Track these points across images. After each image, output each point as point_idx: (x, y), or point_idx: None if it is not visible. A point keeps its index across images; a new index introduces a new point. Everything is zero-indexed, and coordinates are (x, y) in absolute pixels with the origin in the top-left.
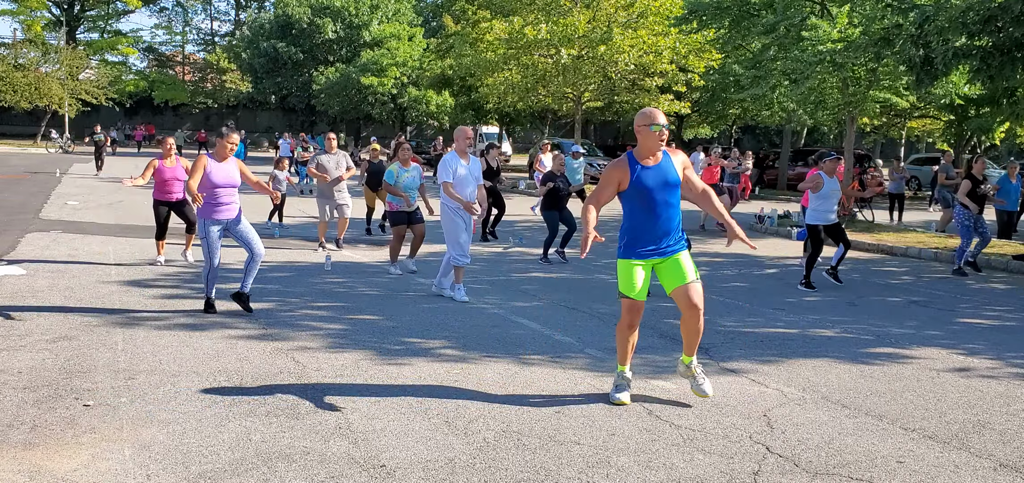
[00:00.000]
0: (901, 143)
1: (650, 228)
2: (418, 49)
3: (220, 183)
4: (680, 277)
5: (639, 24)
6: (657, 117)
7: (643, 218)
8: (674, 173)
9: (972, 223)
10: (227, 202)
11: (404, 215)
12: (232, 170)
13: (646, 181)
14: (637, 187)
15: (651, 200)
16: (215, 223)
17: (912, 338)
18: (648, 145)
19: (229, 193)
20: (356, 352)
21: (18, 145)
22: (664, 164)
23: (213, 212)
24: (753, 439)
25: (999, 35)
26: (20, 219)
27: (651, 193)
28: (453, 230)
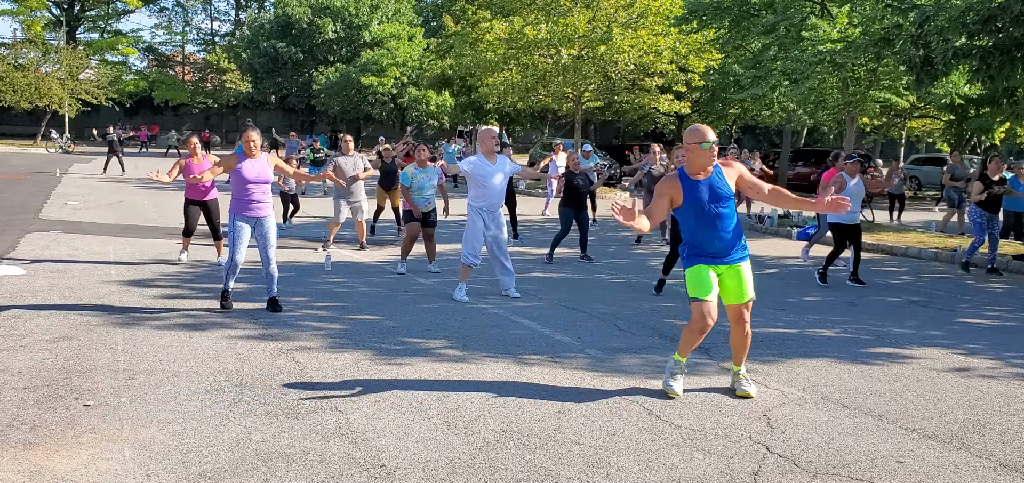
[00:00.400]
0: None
1: (709, 238)
2: (418, 49)
3: (252, 180)
4: (740, 294)
5: (639, 24)
6: (708, 135)
7: (699, 228)
8: (725, 186)
9: (985, 221)
10: (258, 199)
11: (421, 215)
12: (264, 166)
13: (698, 195)
14: (691, 199)
15: (703, 213)
16: (244, 219)
17: (912, 338)
18: (699, 162)
19: (261, 190)
20: (356, 352)
21: (18, 145)
22: (714, 177)
23: (244, 208)
24: (753, 439)
25: (999, 35)
26: (20, 219)
27: (704, 205)
28: (472, 230)
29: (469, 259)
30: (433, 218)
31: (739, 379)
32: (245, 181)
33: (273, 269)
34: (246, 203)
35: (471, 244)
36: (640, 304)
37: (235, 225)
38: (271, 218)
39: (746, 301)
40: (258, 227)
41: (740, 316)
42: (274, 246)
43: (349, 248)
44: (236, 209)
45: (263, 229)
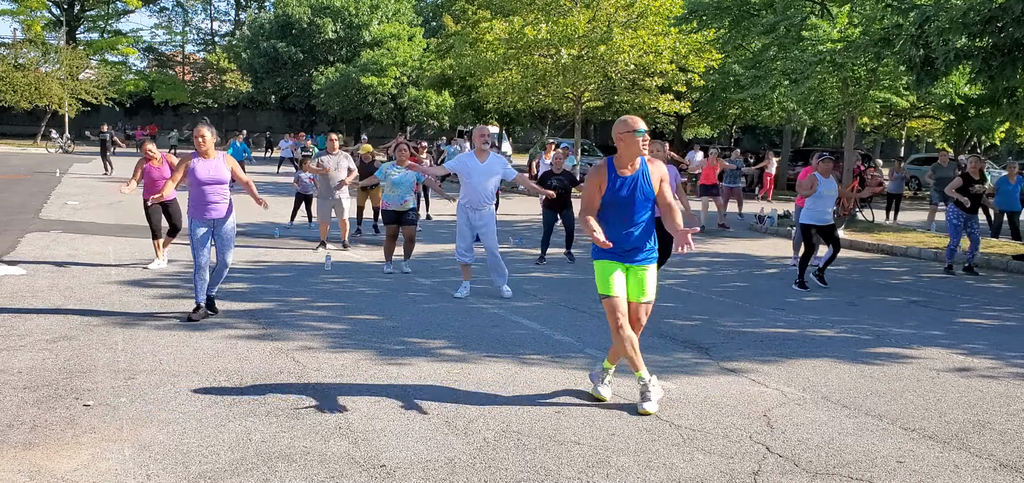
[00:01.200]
0: (901, 143)
1: (621, 235)
2: (418, 49)
3: (205, 180)
4: (638, 292)
5: (639, 24)
6: (638, 124)
7: (615, 224)
8: (648, 185)
9: (961, 222)
10: (214, 200)
11: (394, 215)
12: (219, 166)
13: (621, 191)
14: (612, 195)
15: (622, 209)
16: (201, 223)
17: (912, 338)
18: (630, 152)
19: (216, 191)
20: (356, 352)
21: (18, 145)
22: (640, 174)
23: (201, 212)
24: (753, 439)
25: (1000, 35)
26: (20, 219)
27: (623, 202)
28: (460, 227)
29: (461, 257)
30: (411, 217)
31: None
32: (199, 182)
33: (224, 270)
34: (202, 205)
35: (461, 242)
36: None
37: (193, 231)
38: (230, 219)
39: (644, 300)
40: (217, 229)
41: (636, 317)
42: (231, 249)
43: (350, 247)
44: (193, 212)
45: (221, 231)
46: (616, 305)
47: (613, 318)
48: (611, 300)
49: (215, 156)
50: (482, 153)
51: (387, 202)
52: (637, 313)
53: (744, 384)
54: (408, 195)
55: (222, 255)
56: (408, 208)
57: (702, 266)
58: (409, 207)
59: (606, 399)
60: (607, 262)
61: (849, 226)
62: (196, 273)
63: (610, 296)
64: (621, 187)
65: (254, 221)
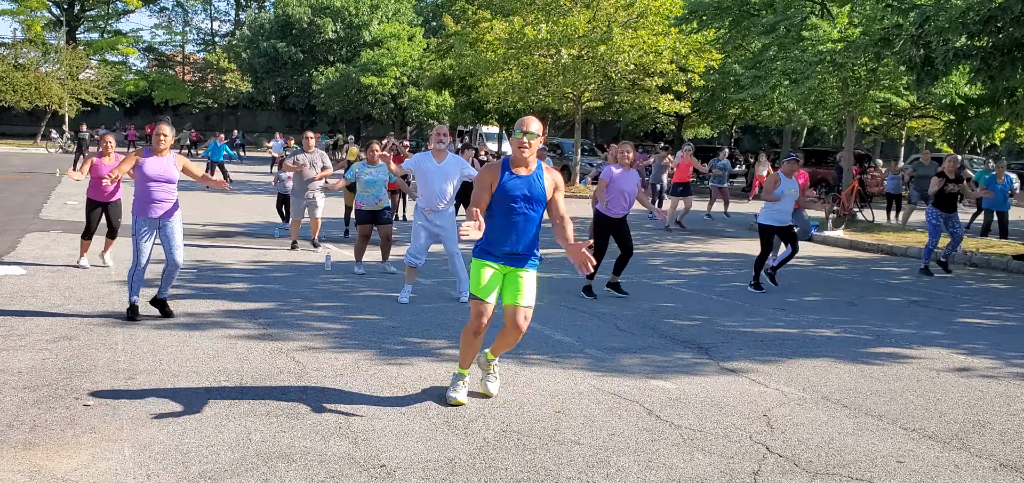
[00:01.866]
0: (901, 143)
1: (505, 236)
2: (418, 49)
3: (153, 177)
4: (516, 295)
5: (639, 24)
6: (525, 125)
7: (500, 224)
8: (541, 189)
9: (941, 222)
10: (160, 199)
11: (368, 214)
12: (168, 165)
13: (510, 189)
14: (500, 193)
15: (510, 209)
16: (145, 221)
17: (912, 338)
18: (516, 154)
19: (164, 189)
20: (356, 352)
21: (18, 145)
22: (534, 177)
23: (145, 209)
24: (753, 439)
25: (999, 35)
26: (20, 219)
27: (512, 202)
28: (414, 229)
29: (410, 259)
30: (386, 216)
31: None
32: (146, 178)
33: (176, 273)
34: (147, 203)
35: (413, 244)
36: (640, 304)
37: (137, 228)
38: (176, 219)
39: (521, 304)
40: (162, 229)
41: (515, 321)
42: (181, 247)
43: (348, 248)
44: (138, 209)
45: (167, 231)
46: (482, 309)
47: (476, 320)
48: (477, 302)
49: (167, 155)
50: (439, 153)
51: (360, 202)
52: (515, 317)
53: (744, 384)
54: (382, 194)
55: (171, 255)
56: (382, 207)
57: (702, 266)
58: (383, 206)
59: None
60: (482, 261)
61: (849, 226)
62: (134, 273)
63: (478, 297)
64: (510, 184)
65: (254, 221)
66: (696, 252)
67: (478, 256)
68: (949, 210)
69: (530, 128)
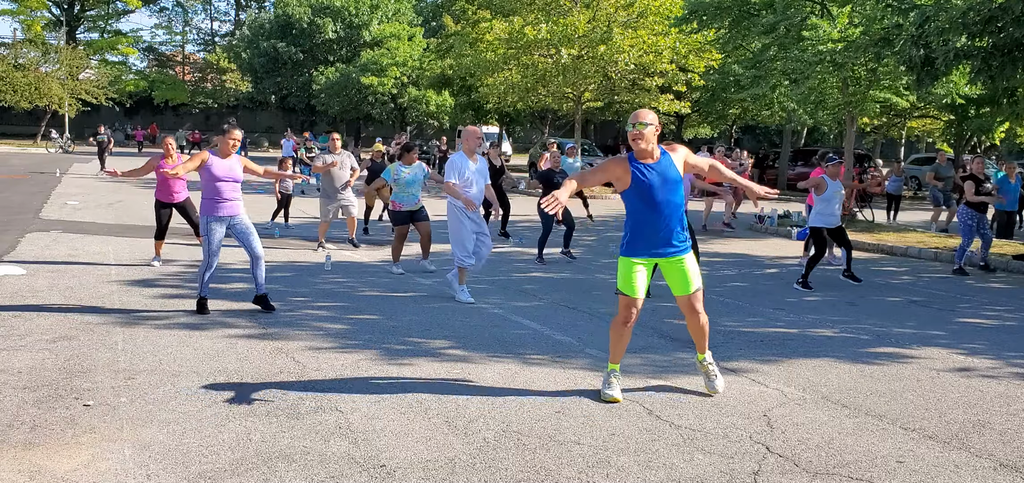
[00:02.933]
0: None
1: (651, 227)
2: (418, 49)
3: (222, 177)
4: (685, 285)
5: (639, 24)
6: (639, 116)
7: (645, 217)
8: (674, 170)
9: (975, 223)
10: (230, 198)
11: (406, 214)
12: (235, 166)
13: (648, 179)
14: (637, 186)
15: (652, 199)
16: (217, 220)
17: (912, 338)
18: (636, 146)
19: (232, 189)
20: (356, 352)
21: (18, 145)
22: (663, 162)
23: (215, 208)
24: (753, 439)
25: (1000, 35)
26: (20, 219)
27: (652, 191)
28: (458, 231)
29: (462, 260)
30: (424, 214)
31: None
32: (215, 179)
33: (261, 269)
34: (215, 202)
35: (461, 245)
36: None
37: (208, 228)
38: (244, 215)
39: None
40: (233, 226)
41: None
42: (257, 239)
43: (348, 247)
44: (207, 209)
45: (240, 227)
46: (631, 304)
47: (624, 313)
48: (626, 298)
49: (233, 155)
50: (472, 155)
51: (399, 202)
52: (690, 303)
53: (744, 384)
54: (419, 194)
55: (252, 248)
56: (420, 206)
57: (702, 266)
58: (420, 205)
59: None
60: (630, 260)
61: (849, 226)
62: (206, 271)
63: (626, 295)
64: (646, 174)
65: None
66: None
67: (626, 255)
68: (982, 210)
69: (641, 119)
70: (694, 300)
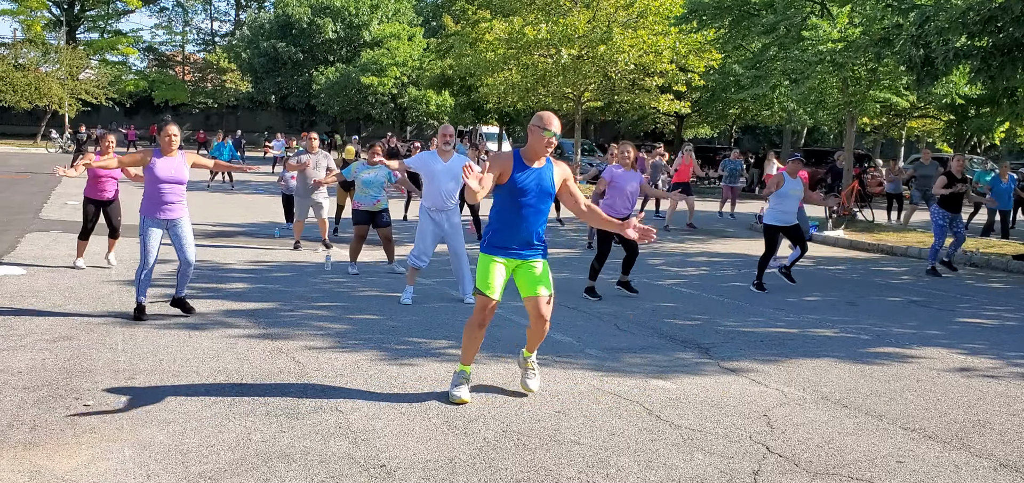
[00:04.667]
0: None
1: (515, 229)
2: (418, 49)
3: (164, 179)
4: (533, 286)
5: (639, 24)
6: (551, 124)
7: (511, 217)
8: (550, 182)
9: (946, 222)
10: (172, 201)
11: (365, 214)
12: (180, 166)
13: (522, 183)
14: (513, 186)
15: (521, 202)
16: (155, 223)
17: (912, 338)
18: (536, 148)
19: (174, 191)
20: (356, 352)
21: (18, 145)
22: (544, 171)
23: (155, 210)
24: (753, 439)
25: (999, 35)
26: (20, 219)
27: (524, 195)
28: (421, 229)
29: (413, 260)
30: (385, 218)
31: (528, 366)
32: (157, 180)
33: (190, 271)
34: (158, 204)
35: (418, 245)
36: (640, 304)
37: (145, 230)
38: (185, 219)
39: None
40: (171, 229)
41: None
42: (192, 246)
43: (343, 246)
44: (146, 209)
45: (177, 231)
46: (487, 304)
47: (480, 314)
48: (483, 298)
49: (177, 155)
50: (444, 153)
51: (358, 202)
52: (538, 307)
53: (744, 384)
54: (380, 195)
55: (183, 255)
56: (380, 208)
57: (702, 266)
58: (381, 207)
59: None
60: (491, 257)
61: (849, 226)
62: (142, 274)
63: (484, 294)
64: (522, 177)
65: (255, 221)
66: (696, 252)
67: (487, 251)
68: (954, 210)
69: (552, 127)
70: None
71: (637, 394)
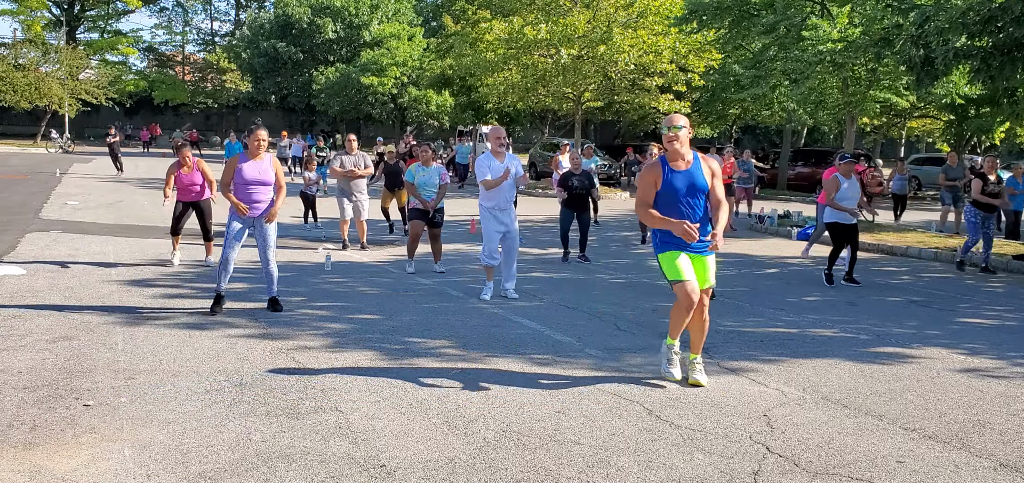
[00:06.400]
0: (901, 143)
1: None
2: (418, 49)
3: (251, 180)
4: (703, 280)
5: (639, 24)
6: (672, 121)
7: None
8: (702, 179)
9: (979, 222)
10: (257, 200)
11: (422, 213)
12: (265, 167)
13: (675, 183)
14: (666, 189)
15: (677, 202)
16: (239, 219)
17: (912, 338)
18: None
19: (260, 190)
20: (356, 352)
21: (18, 145)
22: (693, 169)
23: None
24: (753, 439)
25: (999, 35)
26: (20, 219)
27: (678, 195)
28: (488, 230)
29: (486, 260)
30: (438, 218)
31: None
32: (245, 181)
33: (273, 269)
34: (245, 203)
35: (487, 244)
36: (640, 304)
37: (229, 223)
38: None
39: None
40: (256, 228)
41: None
42: (273, 246)
43: (350, 247)
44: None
45: (262, 230)
46: (689, 287)
47: (686, 298)
48: (681, 283)
49: (263, 157)
50: (499, 154)
51: (413, 202)
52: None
53: (744, 384)
54: (433, 195)
55: (265, 255)
56: (437, 208)
57: None
58: (438, 206)
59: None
60: (670, 251)
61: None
62: (222, 267)
63: (680, 279)
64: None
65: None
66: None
67: (665, 249)
68: (988, 211)
69: (676, 123)
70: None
71: (637, 394)
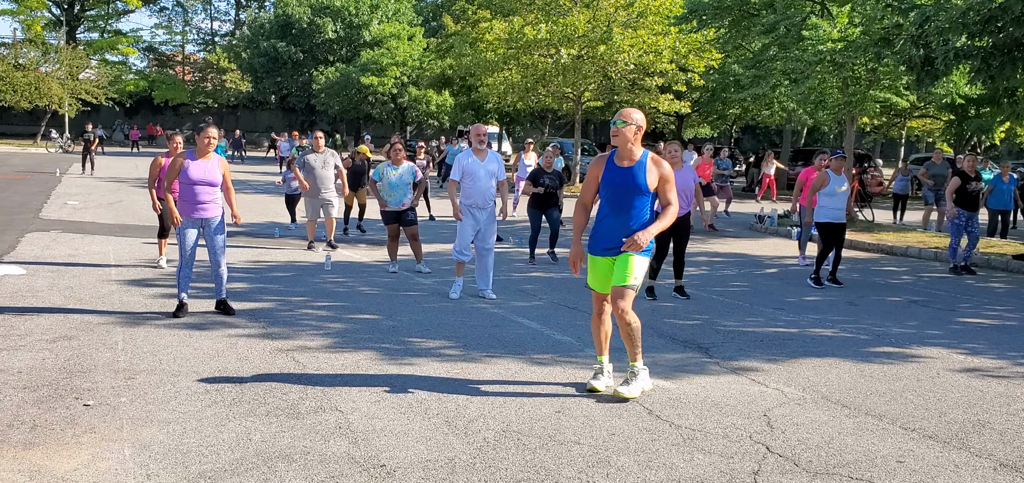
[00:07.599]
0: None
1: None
2: (418, 49)
3: (197, 180)
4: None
5: (639, 24)
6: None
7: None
8: (643, 180)
9: (963, 222)
10: (205, 201)
11: (394, 214)
12: (213, 168)
13: (613, 180)
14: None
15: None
16: (189, 221)
17: (912, 338)
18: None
19: (208, 191)
20: (356, 352)
21: (18, 145)
22: (636, 168)
23: (190, 210)
24: (753, 439)
25: (999, 35)
26: (20, 219)
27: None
28: (462, 226)
29: (457, 255)
30: (411, 217)
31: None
32: (191, 181)
33: (223, 271)
34: (192, 204)
35: (460, 239)
36: (640, 304)
37: (181, 230)
38: (219, 220)
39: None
40: (205, 229)
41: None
42: (223, 248)
43: (349, 247)
44: (182, 211)
45: (210, 231)
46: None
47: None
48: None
49: (211, 158)
50: (480, 152)
51: (386, 203)
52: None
53: (744, 384)
54: (406, 197)
55: (215, 257)
56: (406, 209)
57: (702, 266)
58: (408, 207)
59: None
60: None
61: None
62: (181, 272)
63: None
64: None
65: (255, 221)
66: (696, 252)
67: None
68: (971, 209)
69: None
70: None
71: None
